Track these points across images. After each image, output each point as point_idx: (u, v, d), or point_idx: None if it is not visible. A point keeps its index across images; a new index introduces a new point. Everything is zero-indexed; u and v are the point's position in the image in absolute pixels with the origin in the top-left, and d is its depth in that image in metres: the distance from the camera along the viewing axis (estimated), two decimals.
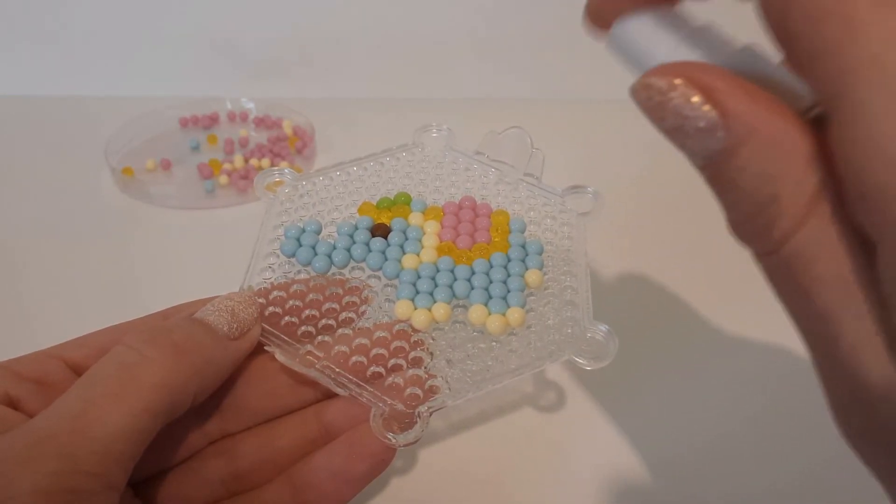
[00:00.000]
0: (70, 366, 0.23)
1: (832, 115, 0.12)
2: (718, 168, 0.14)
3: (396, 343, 0.25)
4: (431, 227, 0.29)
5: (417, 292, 0.26)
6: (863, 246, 0.13)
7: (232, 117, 0.54)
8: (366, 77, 0.58)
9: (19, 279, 0.38)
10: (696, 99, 0.14)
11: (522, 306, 0.26)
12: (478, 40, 0.57)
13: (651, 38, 0.16)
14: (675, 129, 0.14)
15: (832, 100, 0.12)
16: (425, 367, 0.25)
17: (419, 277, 0.27)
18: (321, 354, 0.25)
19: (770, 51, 0.14)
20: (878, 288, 0.13)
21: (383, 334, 0.26)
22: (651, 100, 0.14)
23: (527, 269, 0.28)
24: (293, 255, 0.28)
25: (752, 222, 0.14)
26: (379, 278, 0.28)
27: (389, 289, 0.27)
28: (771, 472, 0.28)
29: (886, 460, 0.14)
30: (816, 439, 0.30)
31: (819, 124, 0.13)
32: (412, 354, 0.25)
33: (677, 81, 0.14)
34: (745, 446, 0.29)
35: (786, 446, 0.29)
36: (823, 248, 0.13)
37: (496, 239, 0.29)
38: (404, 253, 0.28)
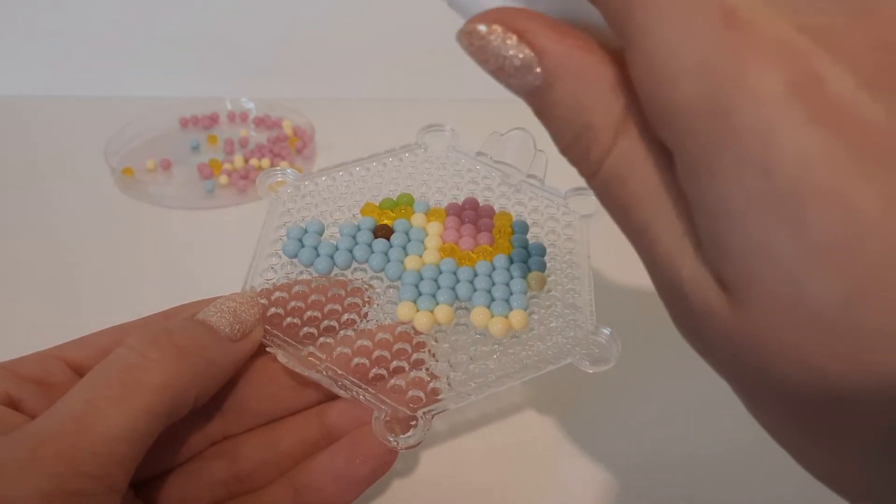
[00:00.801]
0: (71, 366, 0.23)
1: (625, 45, 0.14)
2: (540, 102, 0.15)
3: (398, 345, 0.25)
4: (434, 229, 0.29)
5: (420, 294, 0.26)
6: (668, 158, 0.14)
7: (232, 117, 0.53)
8: (366, 77, 0.58)
9: (19, 279, 0.38)
10: (511, 41, 0.15)
11: (525, 309, 0.26)
12: None
13: None
14: (498, 69, 0.15)
15: (622, 31, 0.14)
16: (427, 370, 0.25)
17: (421, 279, 0.27)
18: (323, 356, 0.25)
19: None
20: (682, 194, 0.14)
21: (385, 336, 0.25)
22: (473, 45, 0.15)
23: (529, 271, 0.28)
24: (295, 256, 0.28)
25: (573, 149, 0.15)
26: (381, 279, 0.27)
27: (392, 290, 0.27)
28: (773, 477, 0.28)
29: (703, 347, 0.15)
30: None
31: None
32: (414, 356, 0.25)
33: (495, 26, 0.15)
34: (748, 450, 0.29)
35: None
36: (634, 166, 0.14)
37: (499, 241, 0.29)
38: (407, 254, 0.28)
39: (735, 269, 0.13)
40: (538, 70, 0.15)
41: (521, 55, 0.15)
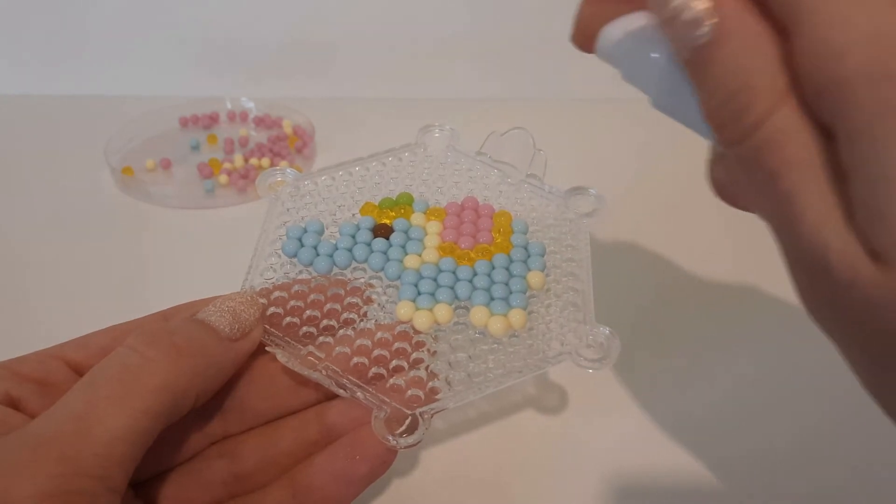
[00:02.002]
0: (71, 366, 0.23)
1: (790, 24, 0.15)
2: (702, 57, 0.16)
3: (398, 344, 0.25)
4: (433, 228, 0.29)
5: (419, 293, 0.26)
6: (824, 132, 0.15)
7: (232, 117, 0.53)
8: (366, 77, 0.58)
9: (20, 279, 0.38)
10: None
11: (524, 308, 0.26)
12: (480, 40, 0.57)
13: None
14: (669, 18, 0.16)
15: (789, 9, 0.15)
16: (427, 369, 0.25)
17: (421, 278, 0.27)
18: (322, 355, 0.25)
19: None
20: (838, 166, 0.15)
21: (385, 335, 0.25)
22: None
23: (529, 270, 0.28)
24: (295, 256, 0.28)
25: (724, 109, 0.16)
26: (381, 279, 0.27)
27: (391, 290, 0.27)
28: (774, 477, 0.28)
29: (839, 318, 0.16)
30: (819, 438, 0.30)
31: None
32: (413, 356, 0.25)
33: None
34: (747, 448, 0.29)
35: (788, 447, 0.29)
36: (791, 134, 0.15)
37: (498, 240, 0.29)
38: (406, 253, 0.28)
39: (890, 235, 0.13)
40: (709, 25, 0.15)
41: (698, 8, 0.15)
